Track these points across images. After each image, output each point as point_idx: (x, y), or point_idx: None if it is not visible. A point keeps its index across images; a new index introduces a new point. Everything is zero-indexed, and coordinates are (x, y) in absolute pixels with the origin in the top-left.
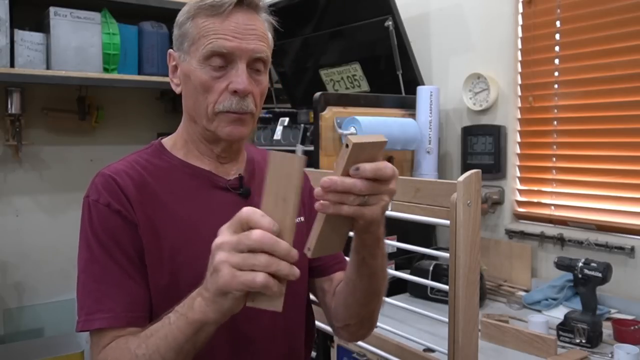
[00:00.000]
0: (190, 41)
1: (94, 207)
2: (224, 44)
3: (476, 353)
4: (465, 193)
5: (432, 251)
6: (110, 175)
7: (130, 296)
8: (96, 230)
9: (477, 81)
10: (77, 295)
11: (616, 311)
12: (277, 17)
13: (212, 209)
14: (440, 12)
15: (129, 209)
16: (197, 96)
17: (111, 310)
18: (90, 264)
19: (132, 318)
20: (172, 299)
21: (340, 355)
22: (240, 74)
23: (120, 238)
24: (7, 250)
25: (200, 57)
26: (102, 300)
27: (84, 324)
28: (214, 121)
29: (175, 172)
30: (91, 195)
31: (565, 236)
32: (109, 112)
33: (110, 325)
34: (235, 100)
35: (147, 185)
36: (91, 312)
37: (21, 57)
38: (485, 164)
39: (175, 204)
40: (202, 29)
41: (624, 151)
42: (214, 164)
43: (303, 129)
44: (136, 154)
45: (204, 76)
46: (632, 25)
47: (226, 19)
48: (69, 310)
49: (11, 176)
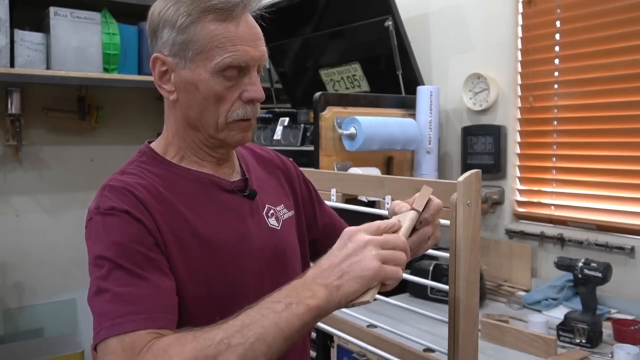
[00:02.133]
0: (198, 49)
1: (110, 216)
2: (243, 58)
3: (476, 353)
4: (465, 193)
5: (432, 251)
6: (123, 187)
7: (162, 300)
8: (115, 239)
9: (477, 81)
10: (95, 309)
11: (616, 311)
12: (277, 17)
13: (225, 213)
14: (440, 12)
15: (150, 221)
16: (207, 106)
17: (145, 312)
18: (112, 275)
19: (168, 320)
20: (204, 314)
21: (340, 355)
22: (254, 82)
23: (144, 243)
24: (7, 250)
25: (215, 68)
26: (133, 302)
27: (109, 329)
28: (224, 130)
29: (180, 179)
30: (103, 205)
31: (565, 236)
32: (109, 112)
33: (146, 326)
34: (250, 108)
35: (162, 195)
36: (120, 316)
37: (21, 57)
38: (485, 164)
39: (190, 212)
40: (215, 38)
41: (624, 151)
42: (213, 167)
43: (303, 129)
44: (135, 164)
45: (217, 87)
46: (632, 25)
47: (239, 26)
48: (69, 310)
49: (11, 176)
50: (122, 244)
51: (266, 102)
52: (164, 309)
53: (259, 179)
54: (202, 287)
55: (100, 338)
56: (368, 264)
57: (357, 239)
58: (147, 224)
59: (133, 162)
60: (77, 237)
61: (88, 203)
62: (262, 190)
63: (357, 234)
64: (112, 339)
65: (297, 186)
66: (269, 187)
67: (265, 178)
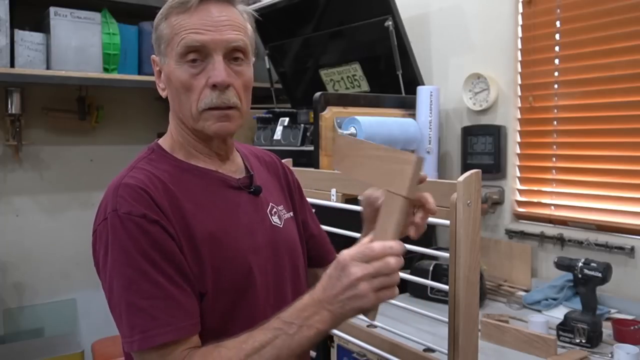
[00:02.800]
0: (165, 42)
1: (129, 221)
2: (196, 37)
3: (476, 353)
4: (465, 193)
5: (432, 251)
6: (137, 186)
7: (185, 306)
8: (136, 244)
9: (477, 81)
10: (120, 316)
11: (616, 311)
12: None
13: (232, 210)
14: (440, 12)
15: (165, 219)
16: (180, 97)
17: (170, 324)
18: (135, 280)
19: (191, 326)
20: (218, 303)
21: (340, 355)
22: (217, 66)
23: (163, 248)
24: (7, 250)
25: (176, 55)
26: (157, 315)
27: (141, 342)
28: (199, 120)
29: (187, 175)
30: (121, 208)
31: (565, 236)
32: (109, 112)
33: (174, 338)
34: (216, 95)
35: (172, 192)
36: (148, 329)
37: (21, 57)
38: (485, 164)
39: (199, 209)
40: (174, 27)
41: (624, 151)
42: (216, 162)
43: (303, 129)
44: (144, 160)
45: (182, 75)
46: (632, 25)
47: (195, 13)
48: (69, 310)
49: (11, 176)
50: (145, 254)
51: (266, 102)
52: (187, 315)
53: (262, 178)
54: (208, 280)
55: (134, 349)
56: (364, 298)
57: (350, 273)
58: (163, 224)
59: (142, 158)
60: (77, 237)
61: (88, 203)
62: (265, 189)
63: (350, 268)
64: (145, 352)
65: (295, 194)
66: (271, 187)
67: (268, 179)
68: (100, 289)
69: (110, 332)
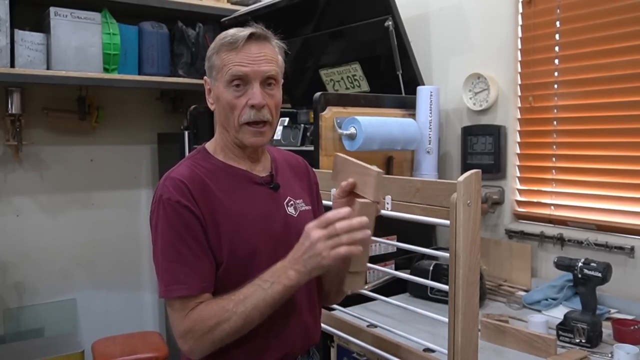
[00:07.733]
0: (216, 70)
1: (168, 205)
2: (240, 69)
3: (476, 353)
4: (465, 193)
5: (432, 251)
6: (178, 179)
7: (200, 271)
8: (171, 222)
9: (477, 81)
10: (157, 273)
11: (616, 311)
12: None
13: (253, 200)
14: (440, 12)
15: (195, 205)
16: (226, 112)
17: (185, 283)
18: (166, 247)
19: (203, 287)
20: (231, 270)
21: (340, 355)
22: (255, 91)
23: (190, 226)
24: (7, 250)
25: (225, 81)
26: (178, 275)
27: (165, 292)
28: (240, 132)
29: (221, 172)
30: (164, 195)
31: (565, 236)
32: (109, 112)
33: (187, 294)
34: (253, 113)
35: (205, 184)
36: (169, 284)
37: (21, 57)
38: (485, 164)
39: (226, 198)
40: (224, 60)
41: (624, 151)
42: (248, 164)
43: (303, 129)
44: (190, 159)
45: (228, 96)
46: (632, 25)
47: (240, 51)
48: (70, 310)
49: (11, 176)
50: (175, 230)
51: None
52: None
53: (286, 177)
54: (225, 250)
55: (160, 295)
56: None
57: (309, 236)
58: (193, 210)
59: (190, 157)
60: (78, 237)
61: (88, 203)
62: (287, 187)
63: (311, 232)
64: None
65: (314, 194)
66: (293, 185)
67: (292, 178)
68: (100, 289)
69: (110, 332)
